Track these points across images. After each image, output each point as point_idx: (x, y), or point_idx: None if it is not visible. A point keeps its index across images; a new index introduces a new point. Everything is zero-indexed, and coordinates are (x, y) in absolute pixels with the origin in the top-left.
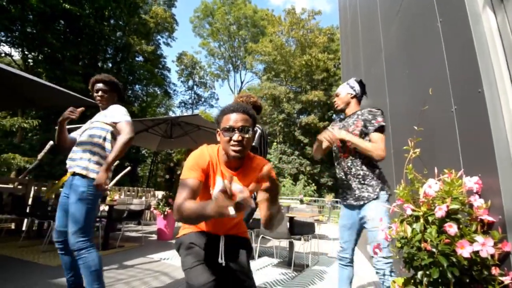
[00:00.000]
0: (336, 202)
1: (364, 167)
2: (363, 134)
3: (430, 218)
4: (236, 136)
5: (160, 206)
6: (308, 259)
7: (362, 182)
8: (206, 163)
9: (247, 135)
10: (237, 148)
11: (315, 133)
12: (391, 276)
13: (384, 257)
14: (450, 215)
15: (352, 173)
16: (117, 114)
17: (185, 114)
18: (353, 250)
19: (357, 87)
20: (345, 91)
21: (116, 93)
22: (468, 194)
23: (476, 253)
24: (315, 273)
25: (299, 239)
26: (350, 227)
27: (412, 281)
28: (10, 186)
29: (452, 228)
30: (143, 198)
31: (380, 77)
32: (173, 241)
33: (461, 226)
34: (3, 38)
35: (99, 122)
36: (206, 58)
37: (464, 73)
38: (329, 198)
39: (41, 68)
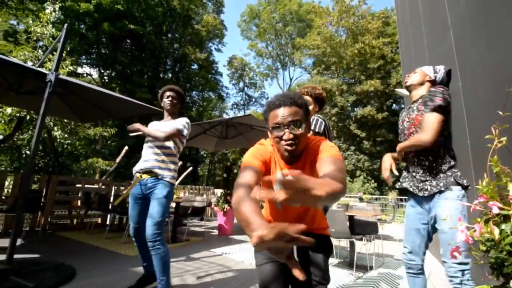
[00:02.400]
0: (401, 200)
1: (430, 157)
2: None
3: None
4: (287, 135)
5: (220, 203)
6: (371, 261)
7: (428, 173)
8: (268, 156)
9: (299, 131)
10: (289, 148)
11: (373, 125)
12: (467, 284)
13: (459, 263)
14: None
15: (416, 163)
16: (177, 122)
17: (238, 115)
18: (424, 255)
19: (441, 75)
20: (426, 71)
21: (181, 104)
22: None
23: None
24: (381, 276)
25: (361, 239)
26: (419, 228)
27: None
28: (96, 186)
29: None
30: (204, 196)
31: (449, 58)
32: (233, 236)
33: None
34: (84, 61)
35: None
36: (254, 59)
37: None
38: (392, 196)
39: (114, 83)
